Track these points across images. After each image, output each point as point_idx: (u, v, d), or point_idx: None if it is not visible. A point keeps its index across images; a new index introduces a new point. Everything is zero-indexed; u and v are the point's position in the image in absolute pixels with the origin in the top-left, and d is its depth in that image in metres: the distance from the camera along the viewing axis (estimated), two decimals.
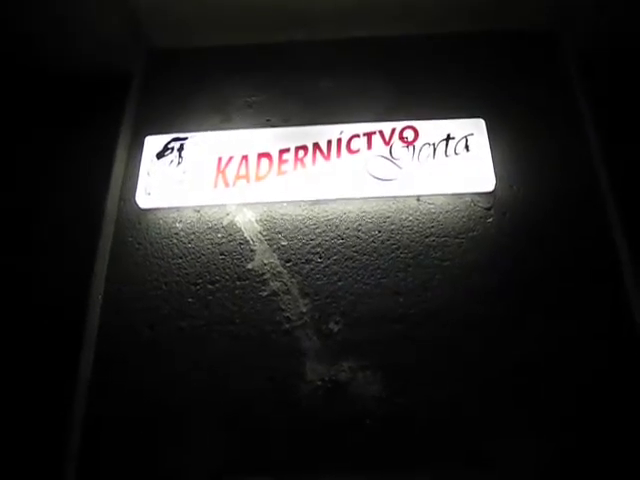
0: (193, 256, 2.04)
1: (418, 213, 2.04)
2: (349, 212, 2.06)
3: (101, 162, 2.15)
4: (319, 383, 1.82)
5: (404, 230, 2.02)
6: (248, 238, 2.05)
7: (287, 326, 1.90)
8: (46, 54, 2.44)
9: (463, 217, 2.04)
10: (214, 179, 2.07)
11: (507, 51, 2.37)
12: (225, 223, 2.08)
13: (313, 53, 2.41)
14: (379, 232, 2.02)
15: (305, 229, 2.05)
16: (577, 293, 1.90)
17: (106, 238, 2.08)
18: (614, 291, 1.90)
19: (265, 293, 1.96)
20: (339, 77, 2.33)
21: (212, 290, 1.97)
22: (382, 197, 2.06)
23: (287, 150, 2.09)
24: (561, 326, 1.85)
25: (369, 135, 2.09)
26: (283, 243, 2.03)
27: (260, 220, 2.07)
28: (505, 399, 1.77)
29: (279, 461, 1.74)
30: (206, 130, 2.21)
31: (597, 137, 2.14)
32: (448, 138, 2.07)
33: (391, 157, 2.05)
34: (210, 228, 2.08)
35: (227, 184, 2.06)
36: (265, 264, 2.00)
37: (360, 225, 2.04)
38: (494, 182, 2.03)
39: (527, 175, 2.10)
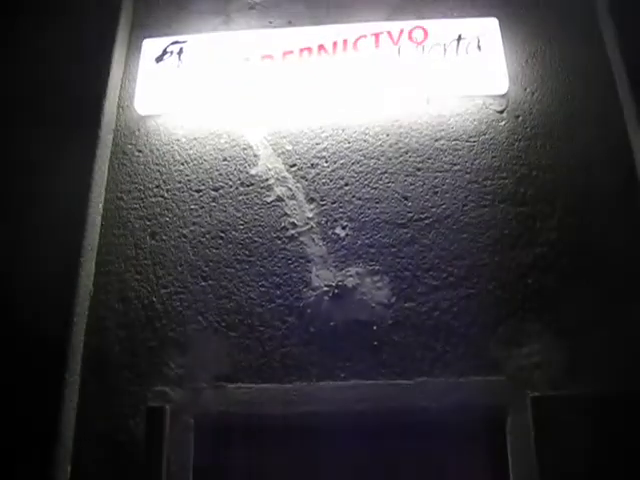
0: (195, 162, 1.98)
1: (427, 116, 1.97)
2: (356, 115, 1.98)
3: (97, 67, 2.04)
4: (326, 289, 1.78)
5: (413, 133, 1.95)
6: (252, 143, 1.98)
7: (293, 232, 1.86)
8: None
9: (475, 120, 1.96)
10: (215, 83, 1.99)
11: None
12: (228, 128, 2.01)
13: None
14: (387, 135, 1.95)
15: (310, 133, 1.98)
16: (591, 199, 1.84)
17: (104, 146, 2.01)
18: (630, 200, 1.83)
19: (270, 199, 1.91)
20: None
21: (215, 196, 1.93)
22: (390, 99, 1.98)
23: (291, 52, 2.00)
24: (574, 232, 1.81)
25: (376, 35, 2.00)
26: (288, 147, 1.96)
27: (264, 124, 2.00)
28: (516, 301, 1.73)
29: (284, 367, 1.72)
30: (206, 32, 2.12)
31: (615, 38, 2.03)
32: (459, 38, 1.98)
33: (399, 58, 1.96)
34: (212, 133, 2.01)
35: (229, 88, 1.98)
36: (269, 169, 1.94)
37: (367, 128, 1.97)
38: (507, 84, 1.95)
39: (542, 78, 2.02)
